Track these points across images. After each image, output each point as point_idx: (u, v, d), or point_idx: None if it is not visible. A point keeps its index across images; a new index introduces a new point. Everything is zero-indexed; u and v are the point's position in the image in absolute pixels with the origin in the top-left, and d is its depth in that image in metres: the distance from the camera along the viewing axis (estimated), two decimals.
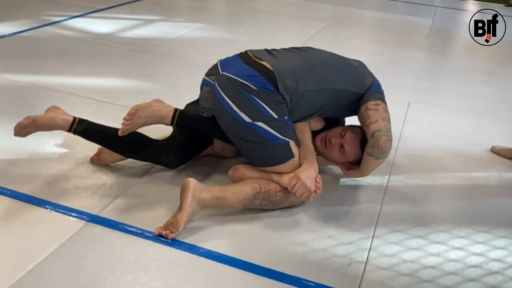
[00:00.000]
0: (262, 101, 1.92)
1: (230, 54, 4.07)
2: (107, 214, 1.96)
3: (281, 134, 1.96)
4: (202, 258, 1.78)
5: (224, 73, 2.03)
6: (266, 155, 1.99)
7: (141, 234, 1.87)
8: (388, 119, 2.13)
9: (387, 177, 2.47)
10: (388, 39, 5.16)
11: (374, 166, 2.16)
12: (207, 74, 2.13)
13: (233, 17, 5.44)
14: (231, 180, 2.11)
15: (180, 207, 1.86)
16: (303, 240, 1.94)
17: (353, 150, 2.17)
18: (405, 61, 4.54)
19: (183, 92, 3.21)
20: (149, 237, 1.86)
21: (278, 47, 2.77)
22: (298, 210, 2.10)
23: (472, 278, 1.82)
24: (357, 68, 2.23)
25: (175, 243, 1.84)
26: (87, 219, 1.93)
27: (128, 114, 2.08)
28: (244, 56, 2.10)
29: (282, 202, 2.03)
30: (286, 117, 1.99)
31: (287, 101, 1.97)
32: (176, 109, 2.13)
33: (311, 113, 2.12)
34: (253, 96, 1.93)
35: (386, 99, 3.43)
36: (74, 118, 2.21)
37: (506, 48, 3.66)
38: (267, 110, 1.93)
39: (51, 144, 2.46)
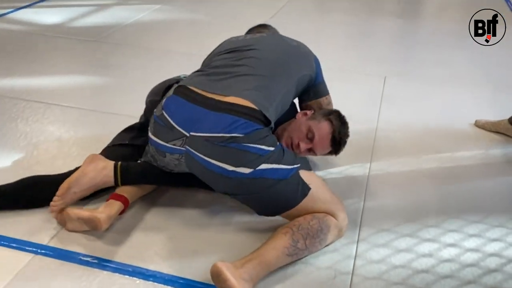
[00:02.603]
0: (255, 144, 1.59)
1: (194, 38, 3.86)
2: (57, 243, 1.72)
3: (286, 164, 1.64)
4: None
5: (193, 133, 1.64)
6: (281, 198, 1.66)
7: (98, 264, 1.64)
8: None
9: (368, 165, 2.28)
10: (358, 7, 4.92)
11: None
12: (164, 139, 1.70)
13: None
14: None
15: None
16: None
17: (324, 149, 1.96)
18: (378, 30, 4.33)
19: (141, 84, 2.93)
20: (108, 267, 1.63)
21: (243, 25, 2.54)
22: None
23: (469, 280, 1.64)
24: (300, 48, 2.03)
25: (137, 271, 1.62)
26: (35, 250, 1.69)
27: (57, 195, 1.73)
28: (199, 99, 1.68)
29: (323, 230, 1.67)
30: (279, 144, 1.69)
31: (273, 126, 1.74)
32: (116, 166, 1.80)
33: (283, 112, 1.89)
34: (244, 144, 1.58)
35: (361, 74, 3.30)
36: None
37: (477, 7, 3.49)
38: (263, 149, 1.60)
39: None
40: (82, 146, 2.31)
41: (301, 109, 2.11)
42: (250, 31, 2.36)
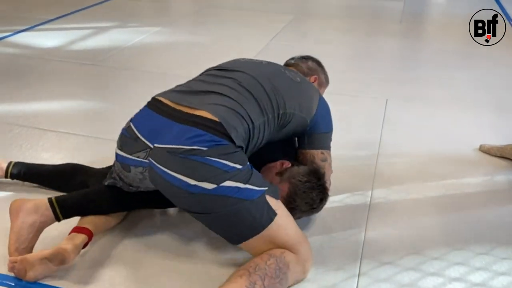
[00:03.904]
0: (219, 158, 1.51)
1: (193, 61, 3.84)
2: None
3: (252, 185, 1.55)
4: None
5: (156, 145, 1.57)
6: (245, 221, 1.55)
7: None
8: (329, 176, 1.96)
9: (369, 193, 2.21)
10: (359, 27, 4.90)
11: None
12: (128, 151, 1.64)
13: (195, 17, 5.12)
14: None
15: None
16: None
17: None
18: (379, 51, 4.28)
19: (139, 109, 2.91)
20: None
21: (244, 47, 2.45)
22: None
23: None
24: (301, 86, 1.86)
25: None
26: (11, 285, 1.61)
27: (9, 259, 1.62)
28: (167, 110, 1.64)
29: (282, 269, 1.55)
30: (248, 163, 1.59)
31: (243, 146, 1.63)
32: (51, 201, 1.70)
33: (259, 146, 1.75)
34: (207, 158, 1.50)
35: (362, 96, 3.25)
36: (10, 162, 2.11)
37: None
38: (228, 165, 1.52)
39: None
40: None
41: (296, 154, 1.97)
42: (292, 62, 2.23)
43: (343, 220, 2.01)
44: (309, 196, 1.77)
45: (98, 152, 2.45)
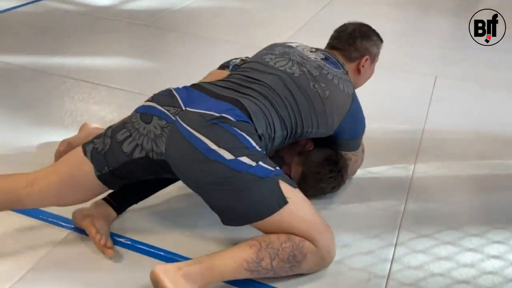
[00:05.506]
0: (244, 133, 1.51)
1: (241, 27, 3.85)
2: None
3: (266, 164, 1.51)
4: None
5: (189, 108, 1.56)
6: (252, 199, 1.47)
7: (131, 245, 1.65)
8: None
9: (412, 167, 2.20)
10: (410, 2, 4.78)
11: None
12: (159, 103, 1.58)
13: None
14: None
15: None
16: None
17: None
18: (430, 28, 4.18)
19: (186, 71, 2.97)
20: (140, 249, 1.64)
21: (292, 16, 2.39)
22: None
23: None
24: (328, 100, 1.73)
25: (168, 257, 1.62)
26: (71, 227, 1.71)
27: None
28: (206, 89, 1.66)
29: (296, 257, 1.49)
30: (264, 153, 1.57)
31: (265, 142, 1.61)
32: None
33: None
34: (234, 128, 1.50)
35: (411, 72, 3.20)
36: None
37: None
38: (250, 143, 1.50)
39: (34, 146, 2.24)
40: None
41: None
42: (342, 29, 2.05)
43: (384, 191, 2.02)
44: (318, 186, 1.80)
45: None
